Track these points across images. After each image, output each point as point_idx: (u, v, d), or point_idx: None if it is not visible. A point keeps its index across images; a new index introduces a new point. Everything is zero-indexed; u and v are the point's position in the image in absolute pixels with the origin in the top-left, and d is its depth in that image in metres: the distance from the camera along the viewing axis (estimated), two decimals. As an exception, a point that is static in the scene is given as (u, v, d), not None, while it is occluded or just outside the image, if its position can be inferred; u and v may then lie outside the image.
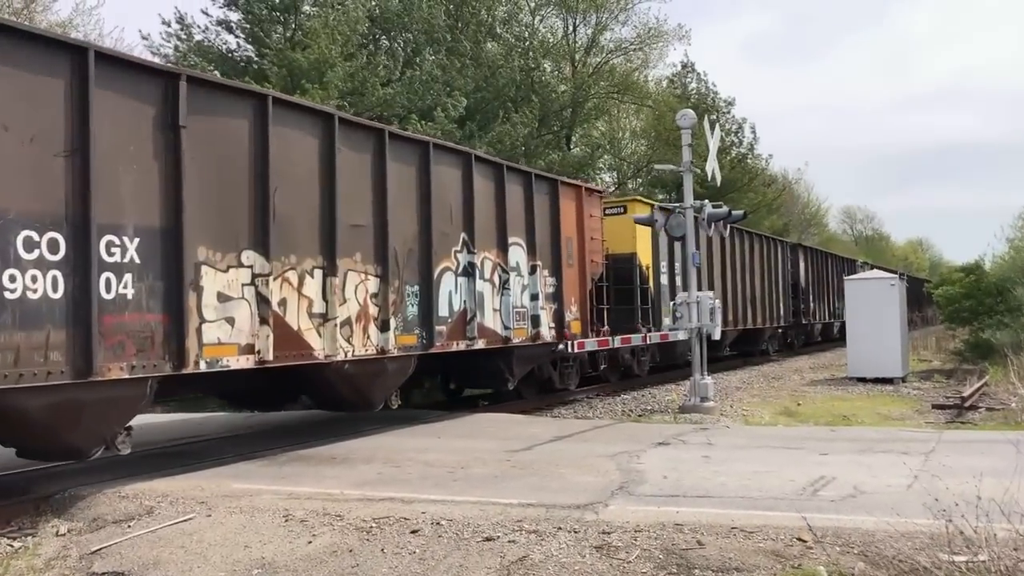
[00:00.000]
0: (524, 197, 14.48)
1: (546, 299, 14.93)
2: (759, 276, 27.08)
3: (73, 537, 7.11)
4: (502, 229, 13.80)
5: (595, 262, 16.56)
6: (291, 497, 7.68)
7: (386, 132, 11.48)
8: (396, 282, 11.37)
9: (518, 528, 6.53)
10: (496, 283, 13.63)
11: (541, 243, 14.86)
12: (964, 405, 15.14)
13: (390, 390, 11.94)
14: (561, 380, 16.56)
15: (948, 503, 6.06)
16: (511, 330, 13.86)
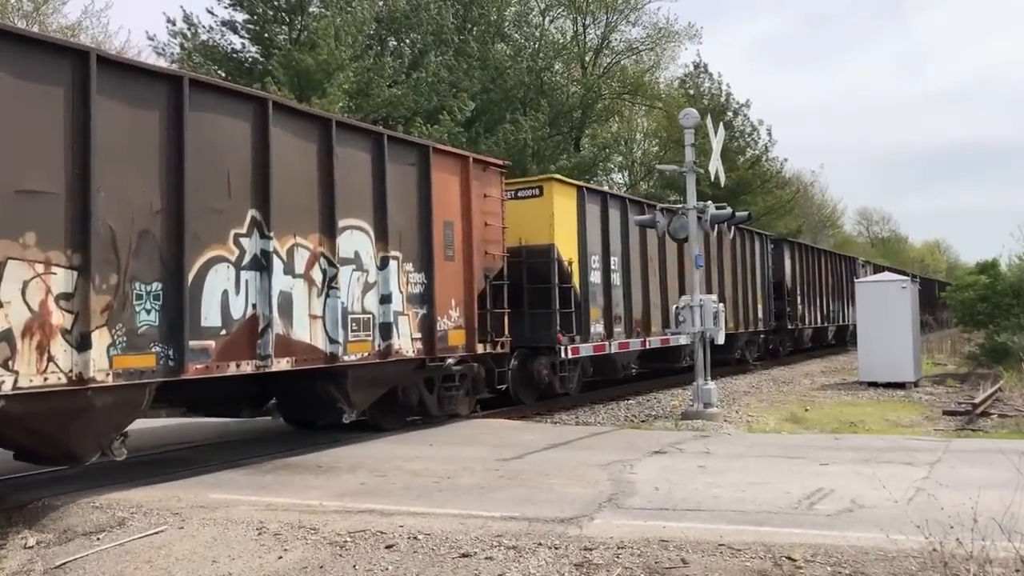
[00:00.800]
0: (373, 166, 11.29)
1: (408, 302, 11.82)
2: (731, 273, 23.72)
3: (41, 550, 6.90)
4: (328, 207, 10.43)
5: (491, 255, 13.45)
6: (268, 508, 7.45)
7: (93, 55, 8.01)
8: (113, 277, 8.03)
9: (497, 544, 6.27)
10: (317, 280, 10.25)
11: (401, 228, 11.73)
12: (976, 411, 14.74)
13: (105, 435, 8.23)
14: (440, 406, 12.98)
15: (945, 520, 5.76)
16: (341, 344, 10.46)
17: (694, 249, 14.35)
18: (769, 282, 26.87)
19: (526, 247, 15.31)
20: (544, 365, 15.47)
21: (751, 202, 39.59)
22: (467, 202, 13.08)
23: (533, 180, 16.46)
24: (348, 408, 11.03)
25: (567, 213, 15.95)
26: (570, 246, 16.03)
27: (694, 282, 14.39)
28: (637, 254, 18.52)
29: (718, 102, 42.03)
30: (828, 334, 33.78)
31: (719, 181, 15.45)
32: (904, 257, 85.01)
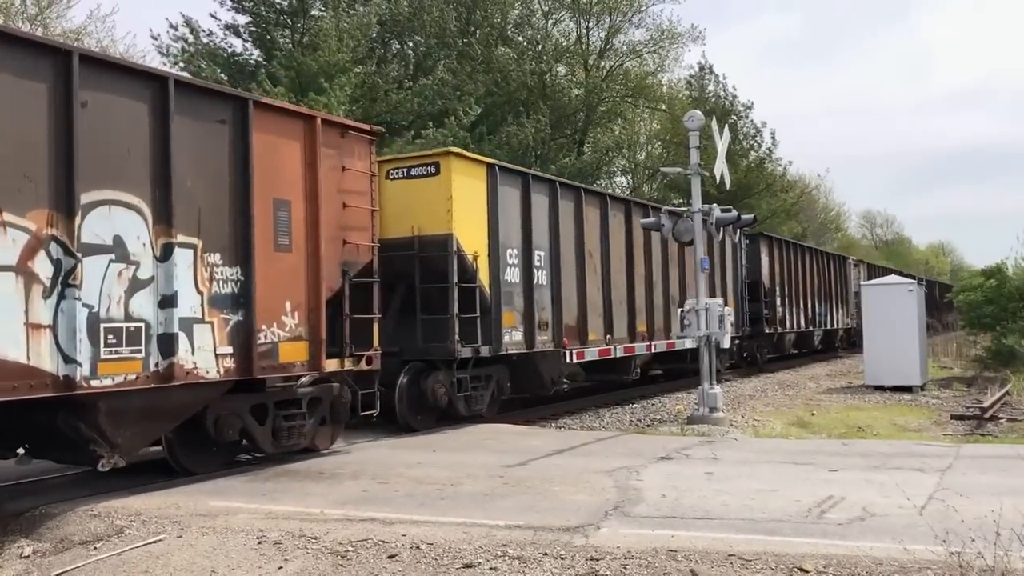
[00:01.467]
0: (153, 121, 8.45)
1: (212, 305, 8.94)
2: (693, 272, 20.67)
3: (36, 559, 6.79)
4: (64, 173, 7.62)
5: (353, 245, 10.67)
6: (269, 516, 7.32)
7: None
8: None
9: (502, 553, 6.13)
10: (41, 275, 7.42)
11: (201, 207, 8.87)
12: (984, 416, 14.61)
13: None
14: (277, 440, 9.93)
15: (962, 529, 5.63)
16: (85, 363, 7.66)
17: (699, 252, 14.21)
18: (743, 282, 23.90)
19: (420, 238, 12.64)
20: (441, 382, 12.76)
21: (755, 205, 39.43)
22: (313, 176, 10.08)
23: (427, 155, 13.58)
24: (107, 450, 8.06)
25: (472, 196, 13.14)
26: (476, 237, 13.17)
27: (699, 285, 14.26)
28: (572, 249, 15.56)
29: (723, 104, 41.90)
30: (814, 339, 31.29)
31: (723, 184, 15.32)
32: (909, 260, 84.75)
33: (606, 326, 16.58)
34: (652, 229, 15.53)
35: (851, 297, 35.30)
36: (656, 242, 18.65)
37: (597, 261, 16.55)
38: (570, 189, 16.10)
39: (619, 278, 17.26)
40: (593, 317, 16.08)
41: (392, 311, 12.90)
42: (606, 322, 16.59)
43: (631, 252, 17.79)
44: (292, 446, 10.16)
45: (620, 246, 17.45)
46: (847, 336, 36.08)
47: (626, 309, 17.43)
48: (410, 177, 13.00)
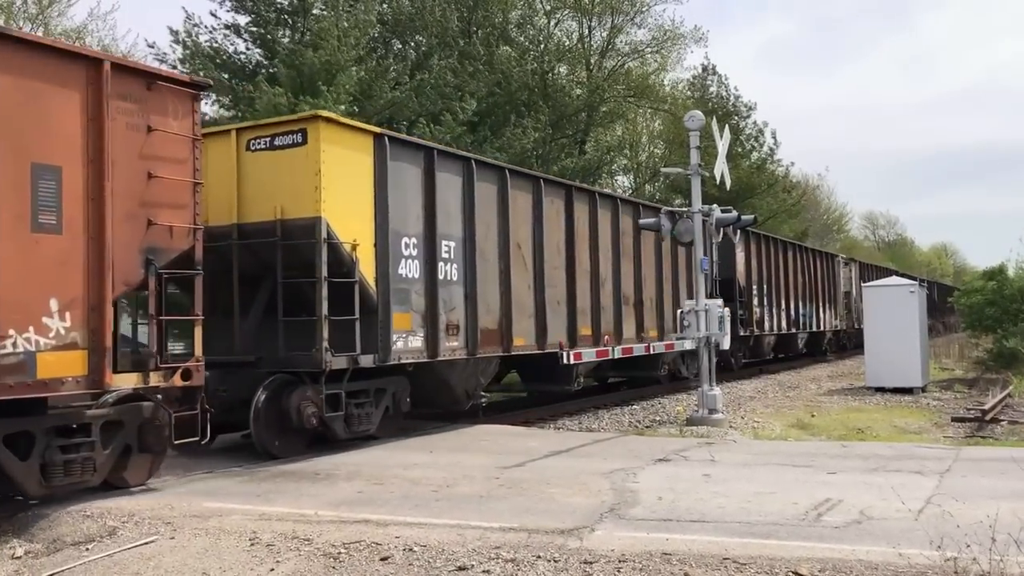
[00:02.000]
0: None
1: None
2: (652, 268, 18.53)
3: (29, 560, 6.75)
4: None
5: (166, 227, 8.54)
6: (262, 518, 7.27)
7: None
8: None
9: (495, 556, 6.09)
10: None
11: None
12: (985, 418, 14.53)
13: None
14: (46, 479, 7.70)
15: (959, 533, 5.57)
16: None
17: (699, 252, 14.16)
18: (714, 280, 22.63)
19: (283, 222, 10.52)
20: (309, 399, 10.36)
21: (756, 206, 39.35)
22: (98, 136, 7.97)
23: (292, 120, 11.14)
24: None
25: (352, 173, 10.88)
26: (357, 222, 10.88)
27: (699, 286, 14.20)
28: (494, 239, 13.48)
29: (725, 105, 41.86)
30: (798, 342, 28.99)
31: (724, 184, 15.26)
32: (911, 261, 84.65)
33: (539, 329, 14.37)
34: (652, 230, 15.45)
35: (840, 297, 33.69)
36: (606, 233, 16.56)
37: (528, 254, 14.29)
38: (491, 169, 13.78)
39: (557, 274, 15.02)
40: (521, 319, 13.92)
41: (255, 311, 10.98)
42: (539, 324, 14.37)
43: (572, 244, 15.50)
44: (73, 485, 7.89)
45: (558, 237, 15.20)
46: (836, 339, 34.56)
47: (566, 310, 15.19)
48: (274, 148, 10.72)
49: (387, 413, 11.74)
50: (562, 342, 14.88)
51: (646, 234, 17.57)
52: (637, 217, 17.44)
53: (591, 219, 16.24)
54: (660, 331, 18.61)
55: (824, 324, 31.32)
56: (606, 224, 16.78)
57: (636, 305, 17.73)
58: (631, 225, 17.48)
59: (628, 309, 17.36)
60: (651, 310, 18.42)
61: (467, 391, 13.20)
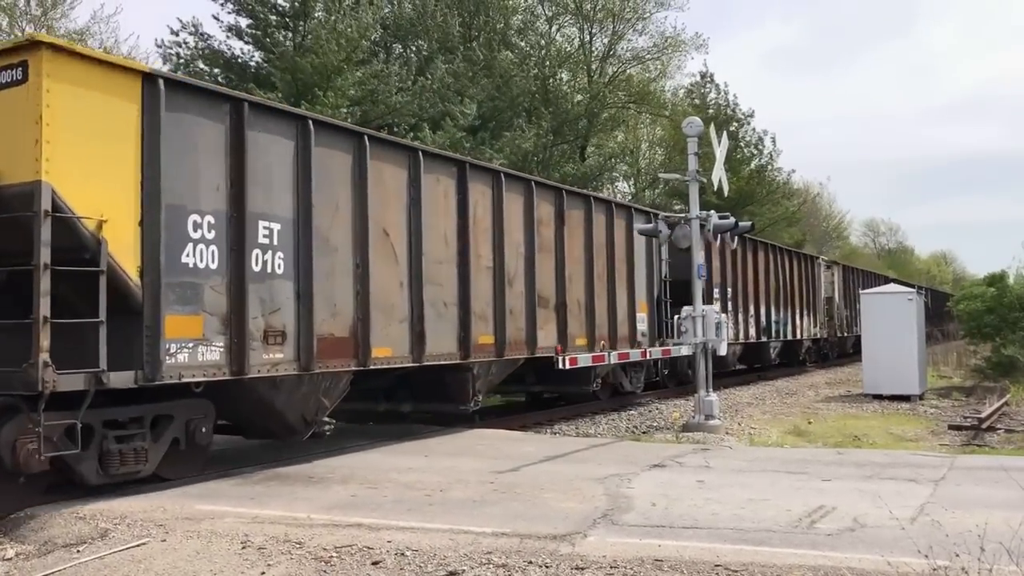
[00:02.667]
0: None
1: None
2: (582, 267, 15.83)
3: (19, 562, 6.73)
4: None
5: None
6: (254, 521, 7.27)
7: None
8: None
9: (486, 561, 6.08)
10: None
11: None
12: (982, 426, 14.50)
13: None
14: None
15: (950, 542, 5.57)
16: None
17: (697, 259, 14.15)
18: (662, 282, 18.74)
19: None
20: (29, 433, 7.43)
21: (756, 213, 39.38)
22: None
23: (7, 49, 7.87)
24: None
25: (101, 124, 8.02)
26: (107, 191, 8.02)
27: (696, 292, 14.19)
28: (345, 222, 10.66)
29: (724, 112, 41.90)
30: (770, 352, 26.22)
31: (723, 191, 15.26)
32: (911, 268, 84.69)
33: (414, 337, 11.59)
34: (649, 235, 15.45)
35: (821, 303, 31.30)
36: (516, 222, 13.82)
37: (400, 244, 11.47)
38: (340, 134, 10.78)
39: (443, 270, 12.25)
40: (388, 324, 11.10)
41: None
42: (414, 331, 11.58)
43: (467, 234, 12.69)
44: None
45: (447, 225, 12.38)
46: (816, 348, 32.16)
47: (457, 313, 12.49)
48: None
49: (178, 447, 8.95)
50: (451, 352, 12.36)
51: (573, 226, 15.40)
52: (561, 205, 15.05)
53: (495, 204, 13.38)
54: (591, 339, 15.79)
55: (801, 332, 28.87)
56: (516, 211, 13.92)
57: (558, 308, 14.93)
58: (552, 214, 14.91)
59: (547, 313, 14.67)
60: (579, 315, 15.58)
61: (304, 416, 10.30)
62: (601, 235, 16.46)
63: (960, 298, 28.13)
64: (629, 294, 17.32)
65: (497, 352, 13.36)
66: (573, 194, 16.08)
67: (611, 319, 16.62)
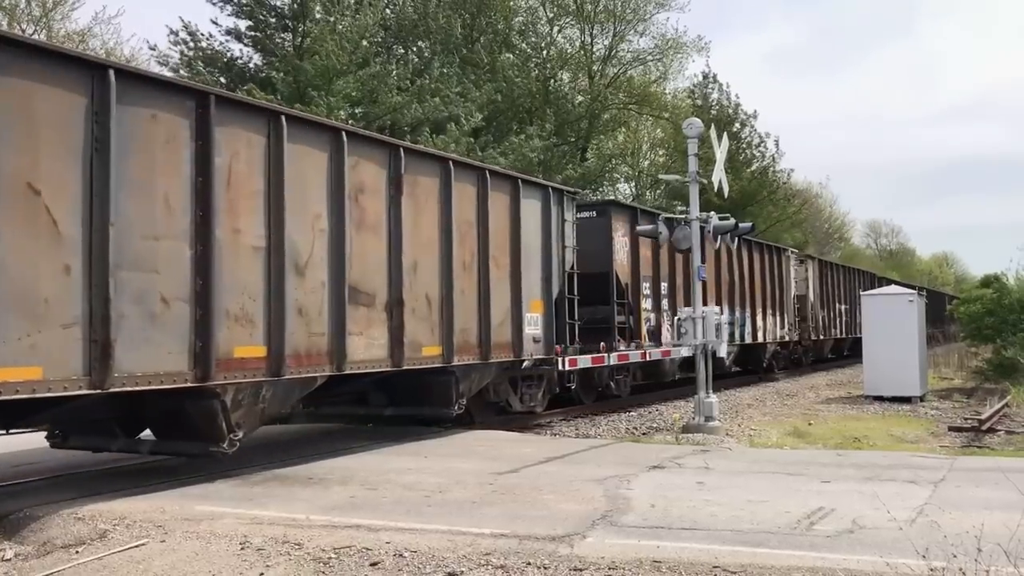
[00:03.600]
0: None
1: None
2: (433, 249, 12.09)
3: (18, 563, 6.72)
4: None
5: None
6: (254, 522, 7.27)
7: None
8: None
9: (485, 562, 6.08)
10: None
11: None
12: (982, 428, 14.50)
13: None
14: None
15: (948, 544, 5.57)
16: None
17: (697, 260, 14.15)
18: (565, 275, 15.00)
19: None
20: None
21: (757, 214, 39.39)
22: None
23: None
24: None
25: None
26: None
27: (696, 293, 14.19)
28: None
29: (726, 113, 41.92)
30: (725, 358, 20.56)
31: (723, 192, 15.26)
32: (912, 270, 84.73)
33: (91, 350, 7.75)
34: (648, 236, 15.43)
35: (791, 302, 27.60)
36: (312, 184, 10.15)
37: (64, 208, 7.64)
38: None
39: (162, 249, 8.42)
40: (29, 329, 7.30)
41: None
42: (91, 340, 7.76)
43: (209, 198, 8.86)
44: None
45: (170, 183, 8.58)
46: (786, 353, 28.30)
47: (190, 312, 8.66)
48: None
49: None
50: (175, 371, 8.48)
51: (421, 197, 11.68)
52: (398, 169, 11.21)
53: (271, 160, 9.52)
54: (448, 346, 12.11)
55: (765, 335, 25.18)
56: (313, 172, 10.12)
57: (392, 307, 11.13)
58: (382, 179, 11.06)
59: (369, 313, 10.77)
60: (429, 316, 11.84)
61: None
62: (468, 211, 12.69)
63: (960, 302, 28.13)
64: (513, 289, 13.64)
65: (271, 369, 9.44)
66: (420, 155, 12.11)
67: (483, 321, 12.85)
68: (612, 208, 18.10)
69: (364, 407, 13.30)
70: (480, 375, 13.19)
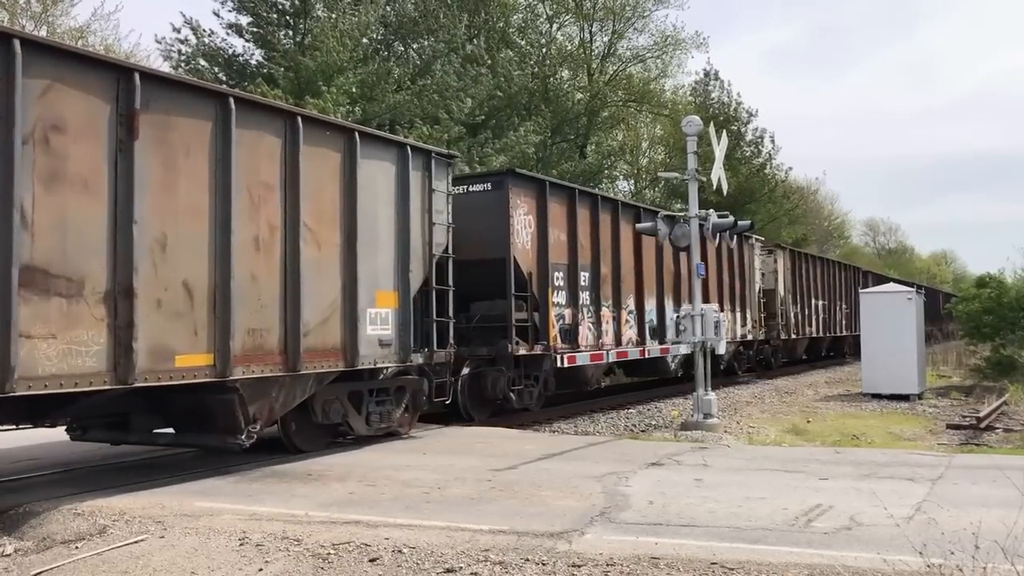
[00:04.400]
0: None
1: None
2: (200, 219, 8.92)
3: (18, 558, 6.74)
4: None
5: None
6: (252, 518, 7.28)
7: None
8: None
9: (483, 559, 6.09)
10: None
11: None
12: (980, 425, 14.54)
13: None
14: None
15: (945, 541, 5.59)
16: None
17: (695, 258, 14.16)
18: (431, 259, 12.15)
19: None
20: None
21: (756, 211, 39.38)
22: None
23: None
24: None
25: None
26: None
27: (695, 291, 14.20)
28: None
29: (727, 110, 41.90)
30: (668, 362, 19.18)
31: (722, 189, 15.27)
32: (911, 268, 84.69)
33: None
34: (648, 234, 15.43)
35: (755, 297, 24.42)
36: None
37: None
38: None
39: None
40: None
41: None
42: None
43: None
44: None
45: None
46: (750, 354, 25.19)
47: None
48: None
49: None
50: None
51: (186, 144, 8.76)
52: (127, 102, 8.19)
53: None
54: (225, 353, 9.04)
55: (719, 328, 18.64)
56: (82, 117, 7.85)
57: (116, 298, 8.08)
58: (102, 116, 8.04)
59: (71, 308, 7.71)
60: (192, 311, 8.78)
61: None
62: (267, 169, 9.65)
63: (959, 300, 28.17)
64: (346, 276, 10.70)
65: None
66: (173, 87, 8.88)
67: (289, 318, 9.83)
68: (511, 180, 14.31)
69: (129, 432, 9.99)
70: (287, 391, 9.97)
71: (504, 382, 14.20)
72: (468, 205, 13.65)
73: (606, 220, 16.97)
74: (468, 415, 14.07)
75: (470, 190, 14.13)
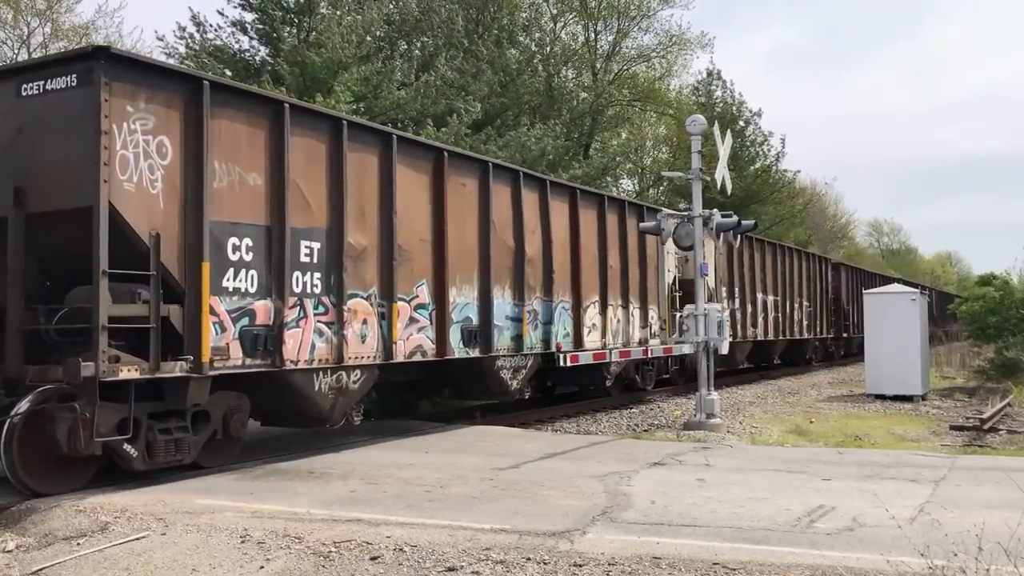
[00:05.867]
0: None
1: None
2: None
3: (19, 554, 6.75)
4: None
5: None
6: (254, 515, 7.28)
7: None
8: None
9: (485, 558, 6.08)
10: None
11: None
12: (984, 427, 14.49)
13: None
14: None
15: (949, 542, 5.57)
16: None
17: (699, 258, 14.14)
18: None
19: None
20: None
21: (761, 212, 39.28)
22: None
23: None
24: None
25: None
26: None
27: (698, 291, 14.18)
28: None
29: (730, 110, 41.81)
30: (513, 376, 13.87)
31: (725, 189, 15.23)
32: (915, 269, 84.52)
33: None
34: (652, 233, 15.40)
35: (663, 291, 18.82)
36: None
37: None
38: None
39: None
40: None
41: None
42: None
43: None
44: None
45: None
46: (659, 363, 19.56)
47: None
48: None
49: None
50: None
51: None
52: None
53: None
54: None
55: (605, 337, 16.55)
56: None
57: None
58: None
59: None
60: None
61: None
62: None
63: (963, 301, 28.10)
64: None
65: None
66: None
67: None
68: (109, 68, 8.00)
69: None
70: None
71: (91, 429, 7.81)
72: (47, 115, 8.22)
73: (368, 160, 10.82)
74: (27, 488, 7.94)
75: (47, 88, 8.22)
